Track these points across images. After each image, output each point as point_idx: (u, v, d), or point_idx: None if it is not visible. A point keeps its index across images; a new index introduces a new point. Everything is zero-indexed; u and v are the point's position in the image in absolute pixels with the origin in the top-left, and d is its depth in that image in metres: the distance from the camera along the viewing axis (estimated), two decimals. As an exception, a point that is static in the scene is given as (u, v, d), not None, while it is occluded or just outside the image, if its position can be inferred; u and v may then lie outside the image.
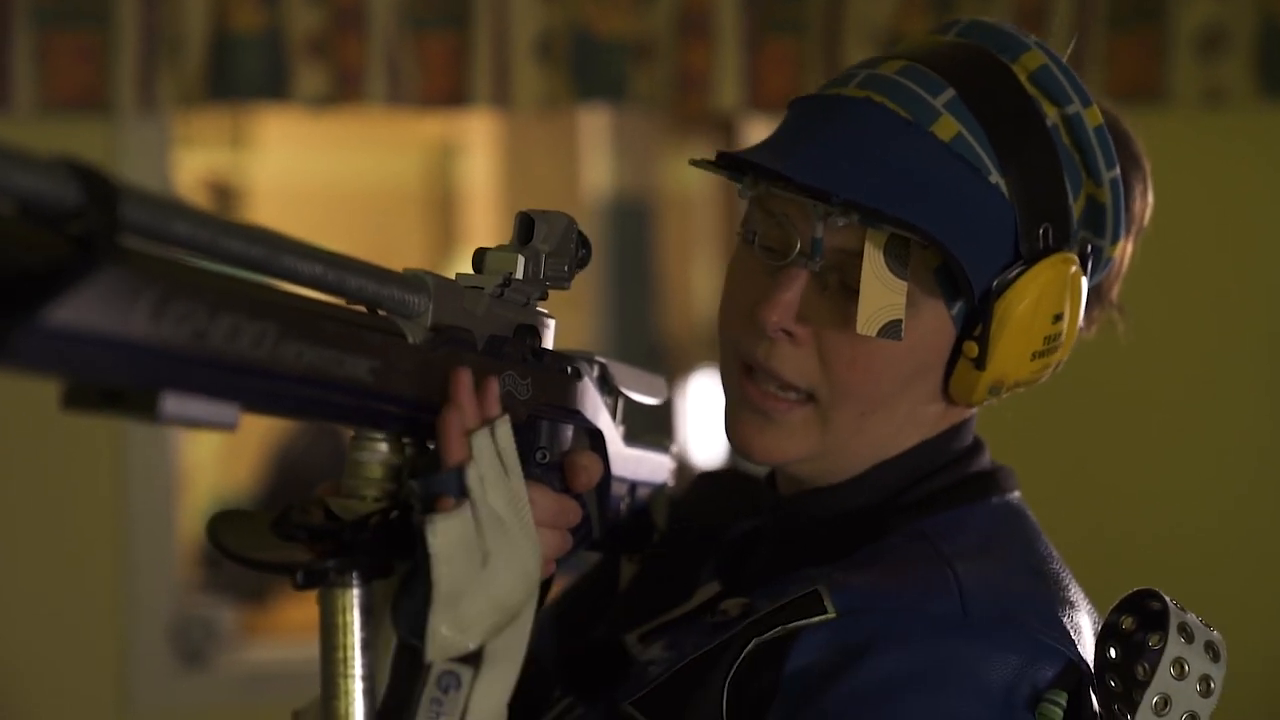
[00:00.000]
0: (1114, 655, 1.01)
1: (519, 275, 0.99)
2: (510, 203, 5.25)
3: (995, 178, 1.04)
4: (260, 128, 5.16)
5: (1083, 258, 1.09)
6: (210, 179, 5.02)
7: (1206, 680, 1.00)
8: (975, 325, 1.05)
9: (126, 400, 0.72)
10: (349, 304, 0.86)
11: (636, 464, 1.15)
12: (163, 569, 2.81)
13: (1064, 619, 1.02)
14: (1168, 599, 1.01)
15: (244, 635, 3.19)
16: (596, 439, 1.09)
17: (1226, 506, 2.85)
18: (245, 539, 0.89)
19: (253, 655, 3.06)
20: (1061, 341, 1.09)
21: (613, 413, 1.12)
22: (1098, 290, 1.17)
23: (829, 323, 1.06)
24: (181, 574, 2.95)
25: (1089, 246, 1.10)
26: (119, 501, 2.77)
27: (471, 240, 5.49)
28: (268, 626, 3.60)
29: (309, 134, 5.17)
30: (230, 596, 3.28)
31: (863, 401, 1.07)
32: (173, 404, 0.73)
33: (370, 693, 0.89)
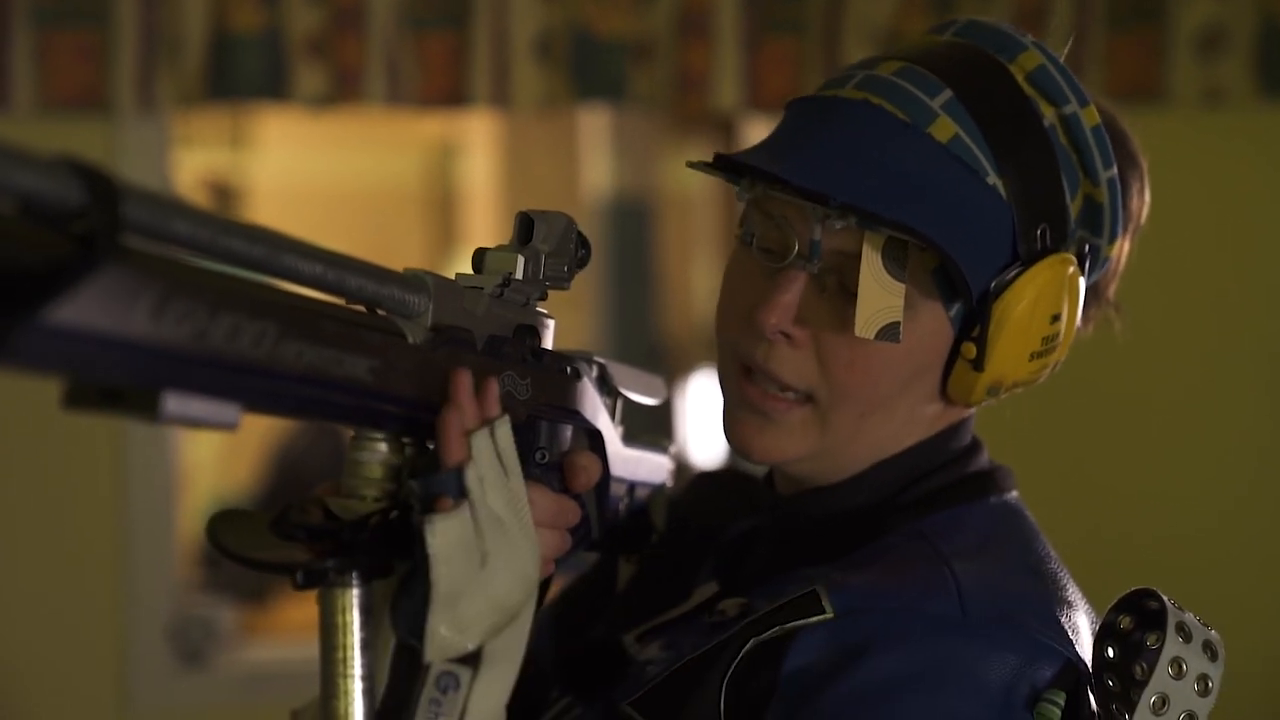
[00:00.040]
0: (1112, 655, 1.01)
1: (518, 275, 0.99)
2: (510, 203, 5.25)
3: (993, 179, 1.04)
4: (260, 128, 5.16)
5: (1080, 258, 1.09)
6: (210, 179, 5.02)
7: (1204, 679, 1.00)
8: (973, 326, 1.05)
9: (127, 400, 0.72)
10: (349, 304, 0.86)
11: (635, 464, 1.15)
12: (162, 569, 2.81)
13: (1062, 618, 1.02)
14: (1165, 598, 1.01)
15: (243, 635, 3.19)
16: (595, 439, 1.09)
17: (1225, 507, 2.85)
18: (245, 539, 0.89)
19: (252, 655, 3.06)
20: (1059, 342, 1.09)
21: (612, 413, 1.12)
22: (1095, 289, 1.17)
23: (827, 325, 1.05)
24: (181, 574, 2.95)
25: (1086, 246, 1.10)
26: (119, 501, 2.77)
27: (471, 240, 5.49)
28: (267, 626, 3.60)
29: (309, 134, 5.18)
30: (230, 596, 3.28)
31: (861, 403, 1.07)
32: (173, 403, 0.73)
33: (370, 692, 0.89)
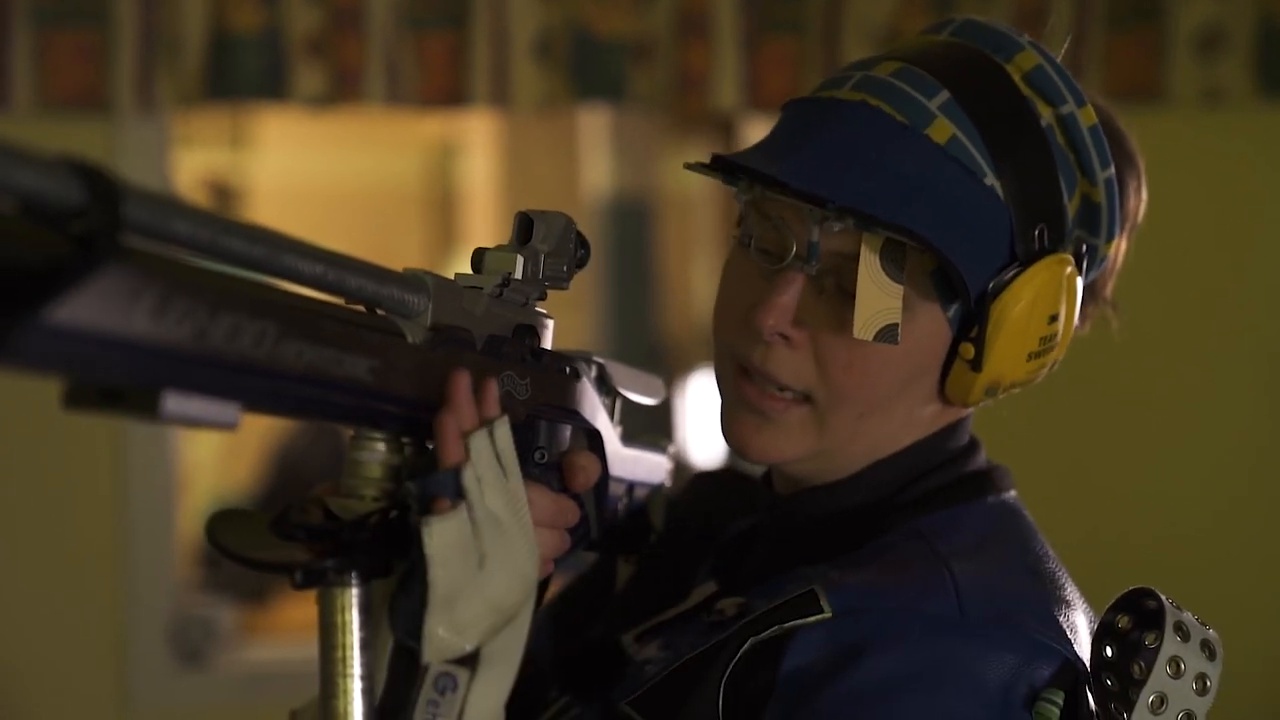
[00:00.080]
0: (1110, 654, 1.01)
1: (518, 275, 0.99)
2: (510, 203, 5.25)
3: (990, 180, 1.04)
4: (259, 128, 5.16)
5: (1078, 257, 1.09)
6: (210, 179, 5.02)
7: (1203, 679, 1.00)
8: (971, 327, 1.05)
9: (127, 399, 0.72)
10: (348, 303, 0.86)
11: (634, 464, 1.15)
12: (162, 569, 2.81)
13: (1060, 618, 1.02)
14: (1164, 597, 1.01)
15: (243, 635, 3.19)
16: (595, 439, 1.09)
17: (1223, 506, 2.85)
18: (244, 539, 0.89)
19: (252, 655, 3.06)
20: (1057, 342, 1.09)
21: (611, 413, 1.12)
22: (1092, 288, 1.17)
23: (825, 326, 1.05)
24: (181, 574, 2.95)
25: (1084, 246, 1.10)
26: (119, 501, 2.77)
27: (471, 240, 5.48)
28: (267, 626, 3.59)
29: (308, 134, 5.18)
30: (229, 596, 3.28)
31: (860, 404, 1.07)
32: (174, 403, 0.73)
33: (369, 692, 0.89)
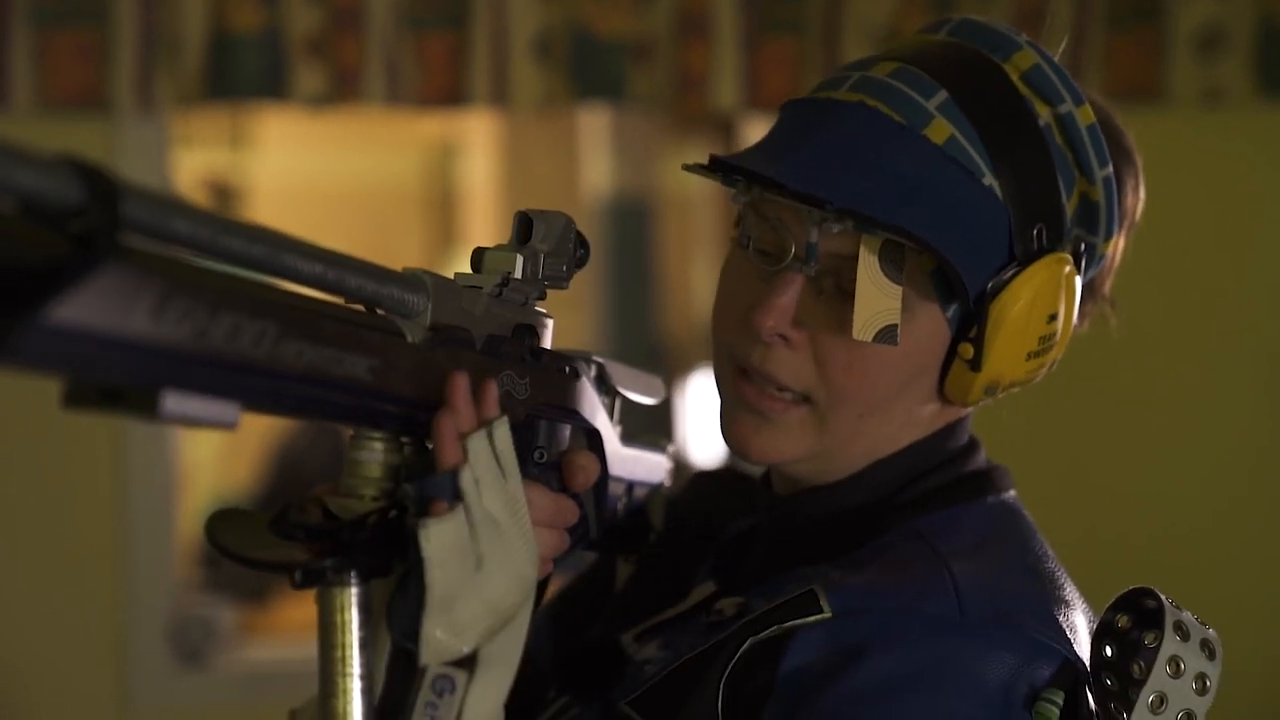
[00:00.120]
0: (1110, 654, 1.01)
1: (517, 275, 0.99)
2: (509, 203, 5.24)
3: (989, 179, 1.04)
4: (259, 127, 5.15)
5: (1076, 256, 1.09)
6: (209, 179, 5.02)
7: (1202, 678, 1.00)
8: (970, 327, 1.05)
9: (127, 399, 0.72)
10: (348, 303, 0.86)
11: (634, 464, 1.15)
12: (162, 568, 2.81)
13: (1060, 618, 1.02)
14: (1163, 597, 1.01)
15: (243, 635, 3.19)
16: (594, 439, 1.09)
17: (1223, 506, 2.85)
18: (244, 538, 0.89)
19: (251, 655, 3.06)
20: (1056, 341, 1.09)
21: (610, 412, 1.12)
22: (1090, 286, 1.17)
23: (825, 327, 1.05)
24: (180, 573, 2.95)
25: (1083, 245, 1.10)
26: (119, 501, 2.77)
27: (471, 240, 5.48)
28: (267, 626, 3.60)
29: (308, 134, 5.18)
30: (229, 596, 3.28)
31: (859, 404, 1.07)
32: (173, 402, 0.73)
33: (368, 691, 0.89)
